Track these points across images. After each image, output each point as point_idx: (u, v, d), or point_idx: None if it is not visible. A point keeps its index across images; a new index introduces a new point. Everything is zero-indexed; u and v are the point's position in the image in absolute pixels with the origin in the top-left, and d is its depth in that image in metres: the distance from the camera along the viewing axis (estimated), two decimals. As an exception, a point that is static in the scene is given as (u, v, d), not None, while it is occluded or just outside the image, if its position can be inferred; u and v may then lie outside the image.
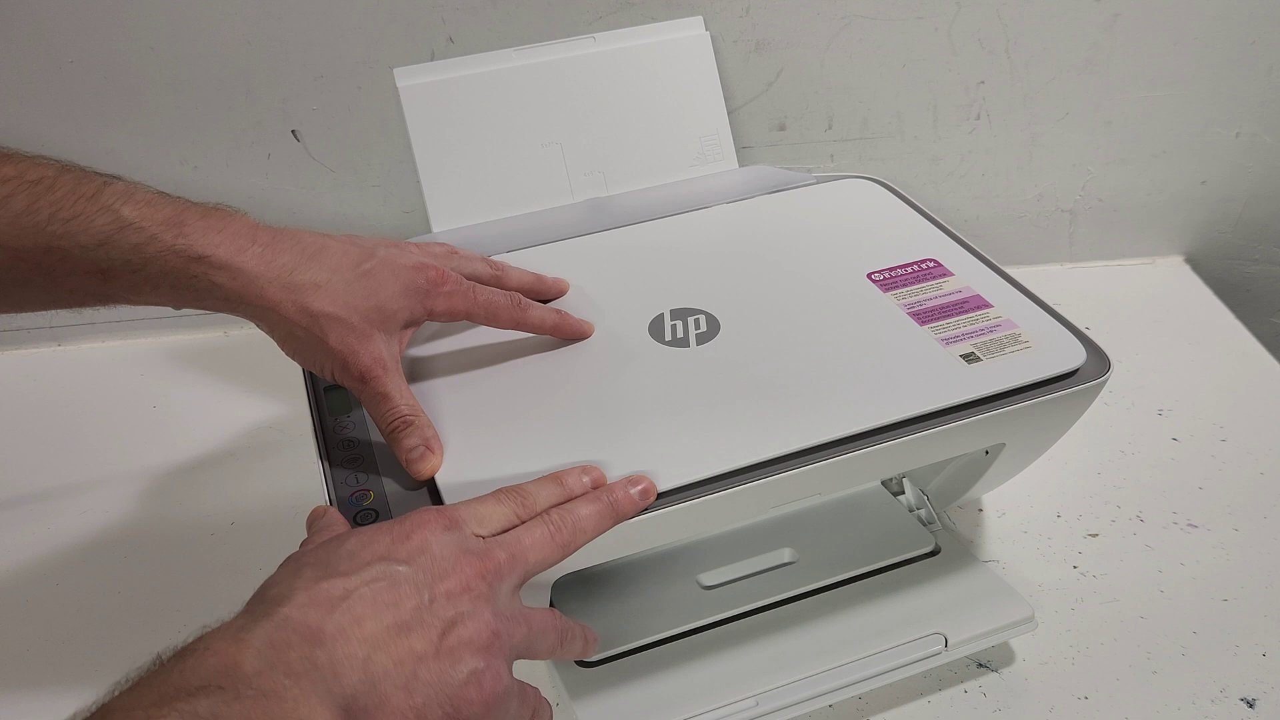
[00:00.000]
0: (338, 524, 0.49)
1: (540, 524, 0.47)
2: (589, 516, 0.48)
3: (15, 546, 0.69)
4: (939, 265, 0.64)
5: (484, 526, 0.46)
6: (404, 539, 0.43)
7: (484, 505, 0.47)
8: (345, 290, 0.51)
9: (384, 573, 0.42)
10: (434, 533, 0.44)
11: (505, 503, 0.47)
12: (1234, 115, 0.89)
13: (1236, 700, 0.59)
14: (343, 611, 0.40)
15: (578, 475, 0.50)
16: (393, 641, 0.40)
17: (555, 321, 0.58)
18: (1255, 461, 0.75)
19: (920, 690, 0.60)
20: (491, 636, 0.43)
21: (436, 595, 0.42)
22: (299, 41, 0.77)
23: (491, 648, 0.43)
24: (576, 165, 0.74)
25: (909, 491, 0.68)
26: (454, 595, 0.43)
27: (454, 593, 0.43)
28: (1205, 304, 0.92)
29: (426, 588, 0.42)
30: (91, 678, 0.61)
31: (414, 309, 0.53)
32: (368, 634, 0.40)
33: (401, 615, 0.41)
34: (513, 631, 0.44)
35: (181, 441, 0.77)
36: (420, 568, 0.43)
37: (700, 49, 0.77)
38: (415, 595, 0.42)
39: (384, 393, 0.52)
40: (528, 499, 0.48)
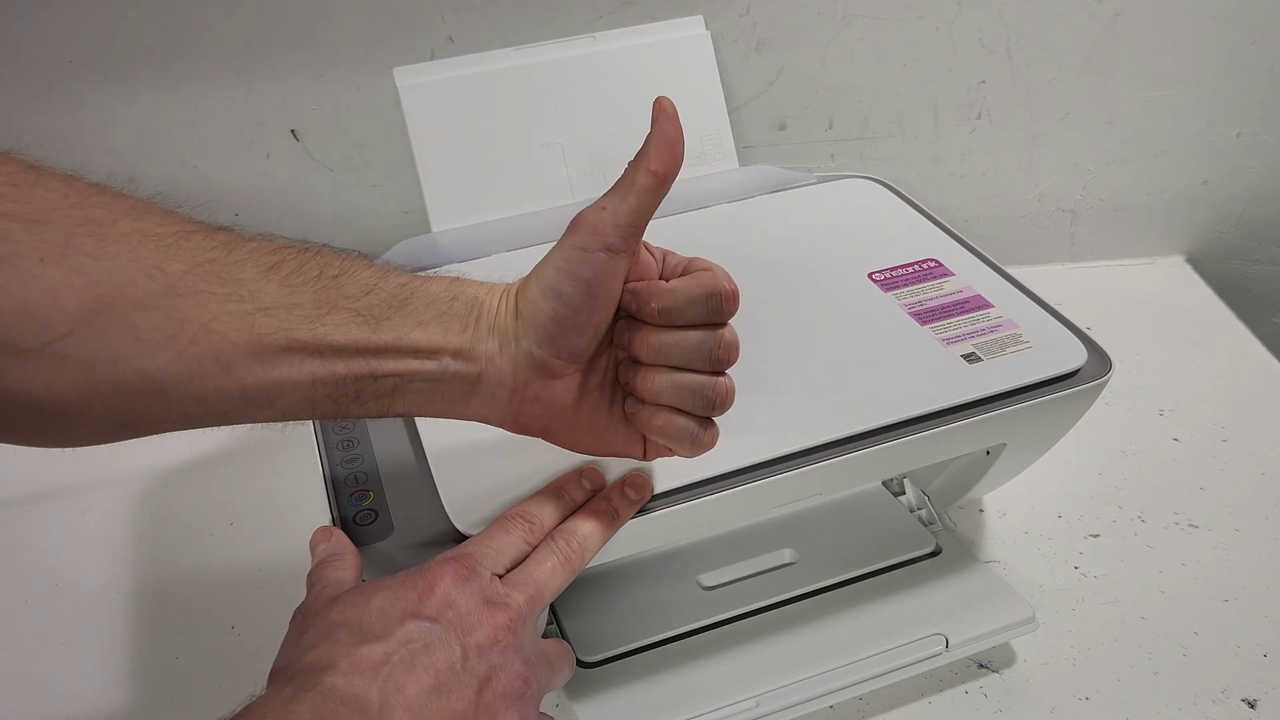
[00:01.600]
0: (346, 551, 0.48)
1: (550, 552, 0.47)
2: (593, 532, 0.48)
3: (15, 546, 0.69)
4: (940, 265, 0.64)
5: (499, 563, 0.46)
6: (428, 593, 0.43)
7: (495, 539, 0.47)
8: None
9: (417, 632, 0.42)
10: (454, 585, 0.44)
11: (514, 531, 0.47)
12: (1235, 115, 0.89)
13: (1238, 701, 0.59)
14: (384, 678, 0.40)
15: (577, 482, 0.49)
16: (434, 704, 0.41)
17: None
18: (1256, 462, 0.75)
19: (921, 691, 0.60)
20: (524, 685, 0.44)
21: (469, 651, 0.43)
22: (299, 41, 0.77)
23: (524, 696, 0.44)
24: (576, 165, 0.74)
25: (910, 492, 0.68)
26: (484, 650, 0.43)
27: (484, 647, 0.43)
28: (1206, 304, 0.92)
29: (458, 644, 0.43)
30: (91, 678, 0.61)
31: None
32: (411, 700, 0.40)
33: (439, 676, 0.41)
34: (540, 675, 0.46)
35: (181, 441, 0.77)
36: (449, 624, 0.43)
37: (701, 48, 0.77)
38: (448, 654, 0.42)
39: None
40: (534, 522, 0.48)
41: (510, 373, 0.44)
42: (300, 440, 0.76)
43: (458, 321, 0.44)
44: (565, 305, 0.43)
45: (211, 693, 0.60)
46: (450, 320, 0.44)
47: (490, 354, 0.44)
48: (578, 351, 0.44)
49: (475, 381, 0.44)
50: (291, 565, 0.67)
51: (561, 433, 0.47)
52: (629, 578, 0.62)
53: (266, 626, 0.63)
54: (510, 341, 0.44)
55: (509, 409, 0.45)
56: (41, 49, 0.76)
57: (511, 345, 0.44)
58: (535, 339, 0.43)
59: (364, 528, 0.50)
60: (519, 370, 0.44)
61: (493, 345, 0.44)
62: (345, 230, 0.85)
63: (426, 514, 0.50)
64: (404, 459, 0.53)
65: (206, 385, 0.40)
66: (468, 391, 0.44)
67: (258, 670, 0.61)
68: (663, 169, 0.43)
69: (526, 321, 0.44)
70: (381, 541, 0.49)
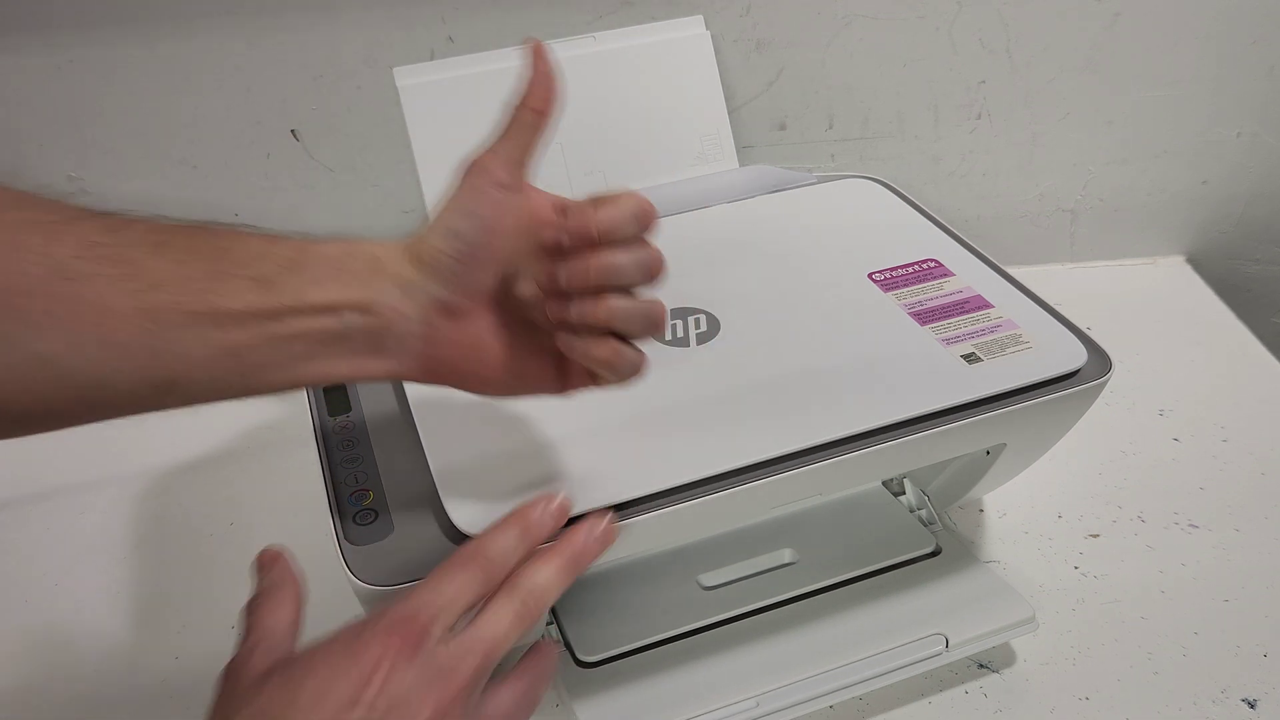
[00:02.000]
0: (286, 585, 0.46)
1: (507, 605, 0.44)
2: (552, 581, 0.45)
3: (16, 546, 0.69)
4: (940, 265, 0.64)
5: (450, 614, 0.43)
6: (366, 683, 0.40)
7: (448, 584, 0.43)
8: None
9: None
10: (398, 666, 0.41)
11: (469, 570, 0.44)
12: (1235, 115, 0.89)
13: (1238, 701, 0.59)
14: None
15: (542, 511, 0.47)
16: None
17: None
18: (1256, 462, 0.75)
19: (921, 691, 0.60)
20: None
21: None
22: (298, 41, 0.77)
23: None
24: (576, 165, 0.74)
25: (910, 492, 0.68)
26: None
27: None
28: (1206, 304, 0.92)
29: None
30: (92, 679, 0.61)
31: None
32: None
33: None
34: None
35: (181, 441, 0.77)
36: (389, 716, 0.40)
37: (701, 48, 0.77)
38: None
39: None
40: (492, 562, 0.44)
41: (418, 319, 0.44)
42: (300, 440, 0.76)
43: (355, 277, 0.43)
44: (465, 243, 0.44)
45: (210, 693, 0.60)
46: (347, 276, 0.43)
47: (394, 304, 0.43)
48: (482, 289, 0.45)
49: (382, 334, 0.44)
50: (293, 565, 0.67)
51: (475, 377, 0.47)
52: (629, 578, 0.62)
53: (266, 626, 0.64)
54: (413, 288, 0.44)
55: (420, 357, 0.45)
56: (42, 49, 0.76)
57: (415, 292, 0.44)
58: (439, 281, 0.44)
59: (364, 527, 0.50)
60: (426, 315, 0.44)
61: (395, 295, 0.44)
62: (345, 230, 0.84)
63: (426, 514, 0.50)
64: (404, 459, 0.53)
65: (104, 368, 0.39)
66: (376, 346, 0.44)
67: (258, 670, 0.61)
68: (541, 104, 0.45)
69: (428, 266, 0.44)
70: (381, 541, 0.49)
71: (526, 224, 0.45)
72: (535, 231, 0.46)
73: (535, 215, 0.46)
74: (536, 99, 0.45)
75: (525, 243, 0.46)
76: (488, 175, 0.44)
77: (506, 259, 0.45)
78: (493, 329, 0.46)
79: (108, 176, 0.82)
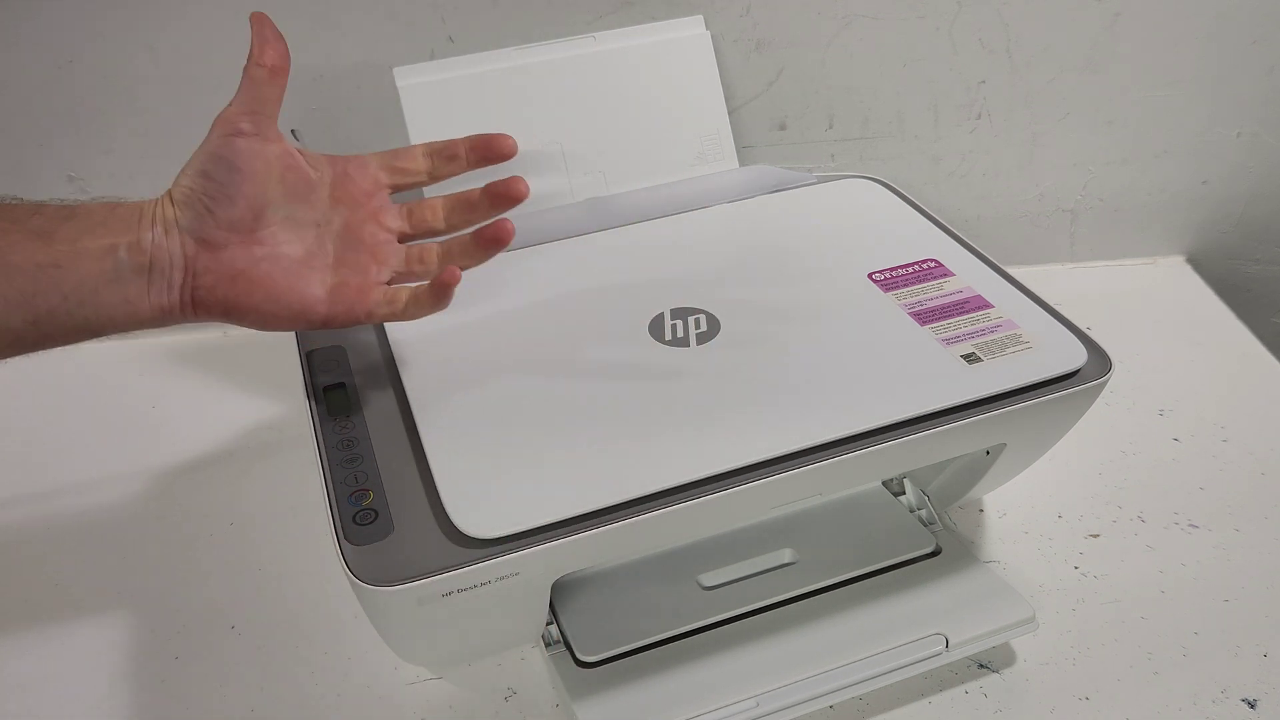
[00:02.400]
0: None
1: None
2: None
3: (15, 546, 0.69)
4: (940, 265, 0.64)
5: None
6: None
7: None
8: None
9: None
10: None
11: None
12: (1235, 115, 0.89)
13: (1238, 701, 0.59)
14: None
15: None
16: None
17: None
18: (1256, 462, 0.75)
19: (921, 691, 0.60)
20: None
21: None
22: (298, 41, 0.77)
23: None
24: (576, 165, 0.74)
25: (910, 492, 0.68)
26: None
27: None
28: (1206, 304, 0.92)
29: None
30: (92, 678, 0.61)
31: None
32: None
33: None
34: None
35: (181, 441, 0.77)
36: None
37: (701, 48, 0.77)
38: None
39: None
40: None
41: (179, 252, 0.51)
42: (300, 440, 0.77)
43: (123, 222, 0.51)
44: (213, 182, 0.51)
45: (211, 693, 0.60)
46: (116, 222, 0.51)
47: (158, 240, 0.51)
48: (238, 224, 0.52)
49: (148, 270, 0.50)
50: (292, 565, 0.67)
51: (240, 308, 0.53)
52: (629, 578, 0.62)
53: (266, 627, 0.64)
54: (173, 226, 0.51)
55: (185, 289, 0.52)
56: (42, 49, 0.76)
57: (174, 229, 0.51)
58: (194, 217, 0.51)
59: (364, 527, 0.50)
60: (186, 247, 0.51)
61: (158, 233, 0.51)
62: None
63: (426, 514, 0.50)
64: (404, 459, 0.53)
65: None
66: (145, 282, 0.50)
67: (258, 670, 0.61)
68: (271, 61, 0.54)
69: (183, 205, 0.51)
70: (381, 541, 0.49)
71: (277, 169, 0.53)
72: (286, 175, 0.53)
73: (284, 161, 0.54)
74: (267, 57, 0.54)
75: (277, 184, 0.53)
76: (231, 125, 0.52)
77: (258, 197, 0.52)
78: (253, 261, 0.53)
79: (108, 176, 0.82)
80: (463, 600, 0.49)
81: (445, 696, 0.60)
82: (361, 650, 0.62)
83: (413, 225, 0.58)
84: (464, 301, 0.63)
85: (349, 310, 0.55)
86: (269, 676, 0.61)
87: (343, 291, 0.55)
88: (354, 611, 0.64)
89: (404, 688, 0.60)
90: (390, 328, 0.61)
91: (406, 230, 0.58)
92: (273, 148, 0.53)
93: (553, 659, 0.58)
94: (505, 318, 0.61)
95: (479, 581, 0.48)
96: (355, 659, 0.62)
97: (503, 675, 0.61)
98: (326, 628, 0.64)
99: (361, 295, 0.55)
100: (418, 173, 0.59)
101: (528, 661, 0.61)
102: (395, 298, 0.56)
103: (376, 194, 0.58)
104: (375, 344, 0.61)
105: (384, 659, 0.61)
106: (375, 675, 0.61)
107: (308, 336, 0.62)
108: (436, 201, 0.59)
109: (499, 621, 0.55)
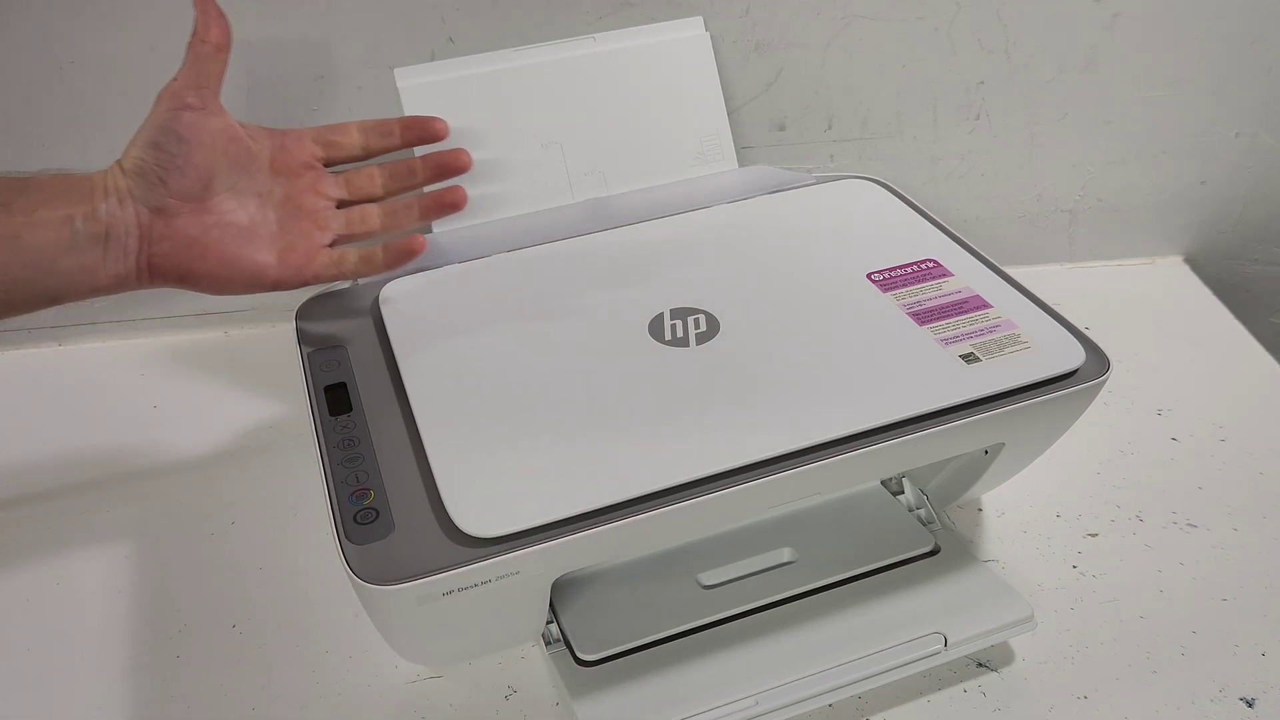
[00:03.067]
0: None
1: None
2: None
3: (15, 546, 0.69)
4: (939, 265, 0.65)
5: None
6: None
7: None
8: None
9: None
10: None
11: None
12: (1234, 115, 0.89)
13: (1236, 700, 0.59)
14: None
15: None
16: None
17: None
18: (1255, 461, 0.75)
19: (920, 690, 0.60)
20: None
21: None
22: (299, 42, 0.77)
23: None
24: (576, 165, 0.74)
25: (909, 491, 0.68)
26: None
27: None
28: (1205, 304, 0.92)
29: None
30: (92, 678, 0.61)
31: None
32: None
33: None
34: None
35: (181, 441, 0.78)
36: None
37: (700, 49, 0.77)
38: None
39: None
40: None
41: (134, 219, 0.54)
42: (301, 439, 0.77)
43: (77, 192, 0.53)
44: (164, 153, 0.55)
45: (211, 693, 0.60)
46: (69, 193, 0.53)
47: (112, 210, 0.54)
48: (189, 193, 0.56)
49: (105, 238, 0.53)
50: (293, 565, 0.68)
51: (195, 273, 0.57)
52: (629, 577, 0.62)
53: (267, 626, 0.64)
54: (126, 195, 0.54)
55: (141, 256, 0.55)
56: (42, 49, 0.76)
57: (128, 198, 0.54)
58: (146, 186, 0.54)
59: (364, 527, 0.50)
60: (140, 215, 0.54)
61: (112, 202, 0.54)
62: (345, 230, 0.85)
63: (427, 514, 0.50)
64: (405, 458, 0.54)
65: None
66: (101, 250, 0.53)
67: (258, 670, 0.61)
68: (215, 38, 0.57)
69: (135, 175, 0.55)
70: (382, 541, 0.49)
71: (221, 140, 0.57)
72: (229, 147, 0.57)
73: (227, 134, 0.57)
74: (212, 33, 0.57)
75: (222, 155, 0.57)
76: (178, 98, 0.55)
77: (206, 167, 0.56)
78: (205, 228, 0.56)
79: (108, 177, 0.82)
80: (463, 599, 0.49)
81: (445, 695, 0.60)
82: (362, 649, 0.62)
83: (351, 192, 0.63)
84: (464, 301, 0.63)
85: (298, 272, 0.59)
86: (270, 675, 0.61)
87: (289, 255, 0.59)
88: (355, 610, 0.64)
89: (404, 686, 0.60)
90: (392, 328, 0.61)
91: (345, 197, 0.63)
92: (217, 120, 0.57)
93: (553, 658, 0.58)
94: (506, 318, 0.61)
95: (479, 580, 0.48)
96: (356, 658, 0.62)
97: (503, 674, 0.61)
98: (327, 627, 0.64)
99: (308, 258, 0.60)
100: (351, 146, 0.63)
101: (528, 660, 0.62)
102: (343, 259, 0.61)
103: (313, 165, 0.62)
104: (376, 343, 0.61)
105: (384, 658, 0.61)
106: (376, 674, 0.61)
107: (308, 337, 0.62)
108: (374, 170, 0.64)
109: (499, 620, 0.55)
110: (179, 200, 0.55)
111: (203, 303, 0.87)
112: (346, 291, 0.66)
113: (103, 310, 0.86)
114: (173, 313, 0.88)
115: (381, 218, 0.64)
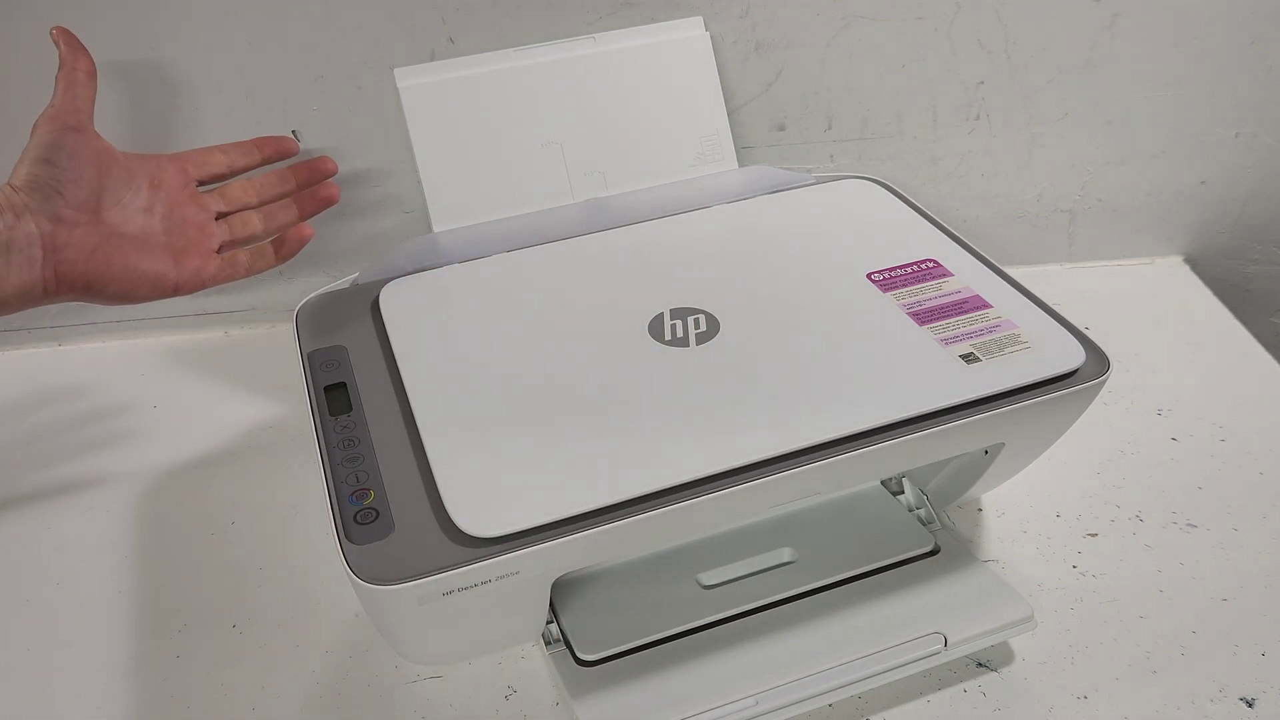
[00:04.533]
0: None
1: None
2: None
3: (15, 546, 0.70)
4: (938, 265, 0.65)
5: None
6: None
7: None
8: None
9: None
10: None
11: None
12: (1234, 115, 0.89)
13: (1236, 700, 0.59)
14: None
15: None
16: None
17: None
18: (1254, 461, 0.75)
19: (920, 690, 0.60)
20: None
21: None
22: (299, 42, 0.77)
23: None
24: (576, 165, 0.74)
25: (908, 491, 0.68)
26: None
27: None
28: (1204, 304, 0.92)
29: None
30: (92, 678, 0.61)
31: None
32: None
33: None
34: None
35: (182, 441, 0.78)
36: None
37: (700, 49, 0.77)
38: None
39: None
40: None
41: (35, 231, 0.57)
42: (301, 439, 0.77)
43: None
44: (58, 167, 0.59)
45: (211, 693, 0.60)
46: None
47: (9, 223, 0.56)
48: (83, 202, 0.59)
49: (7, 250, 0.56)
50: (294, 564, 0.68)
51: (100, 280, 0.60)
52: (629, 577, 0.62)
53: (267, 626, 0.64)
54: (23, 210, 0.57)
55: (47, 266, 0.58)
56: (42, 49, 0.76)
57: (26, 212, 0.57)
58: (43, 197, 0.58)
59: (365, 526, 0.50)
60: (41, 226, 0.57)
61: (9, 217, 0.57)
62: (345, 230, 0.85)
63: (427, 514, 0.50)
64: (404, 458, 0.54)
65: None
66: (4, 262, 0.56)
67: (258, 670, 0.61)
68: (85, 65, 0.63)
69: (30, 190, 0.58)
70: (382, 541, 0.49)
71: (105, 160, 0.61)
72: (111, 167, 0.61)
73: (106, 155, 0.62)
74: (81, 62, 0.63)
75: (108, 173, 0.61)
76: (60, 121, 0.60)
77: (97, 181, 0.60)
78: (104, 237, 0.60)
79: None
80: (463, 599, 0.49)
81: (445, 695, 0.60)
82: (362, 649, 0.62)
83: (228, 203, 0.68)
84: (464, 301, 0.63)
85: (195, 274, 0.64)
86: (270, 675, 0.61)
87: (184, 260, 0.64)
88: (354, 610, 0.64)
89: (404, 686, 0.60)
90: (393, 329, 0.61)
91: (224, 208, 0.68)
92: (97, 142, 0.62)
93: (553, 657, 0.58)
94: (506, 318, 0.61)
95: (479, 580, 0.48)
96: (356, 658, 0.62)
97: (503, 674, 0.61)
98: (327, 626, 0.64)
99: (202, 263, 0.65)
100: (217, 164, 0.69)
101: (528, 660, 0.62)
102: (235, 260, 0.67)
103: (188, 184, 0.67)
104: (376, 343, 0.61)
105: (384, 657, 0.61)
106: (376, 673, 0.61)
107: (309, 337, 0.62)
108: (247, 182, 0.70)
109: (499, 620, 0.55)
110: (75, 210, 0.59)
111: (203, 302, 0.87)
112: (346, 291, 0.67)
113: (103, 310, 0.86)
114: (173, 313, 0.88)
115: (262, 220, 0.69)
